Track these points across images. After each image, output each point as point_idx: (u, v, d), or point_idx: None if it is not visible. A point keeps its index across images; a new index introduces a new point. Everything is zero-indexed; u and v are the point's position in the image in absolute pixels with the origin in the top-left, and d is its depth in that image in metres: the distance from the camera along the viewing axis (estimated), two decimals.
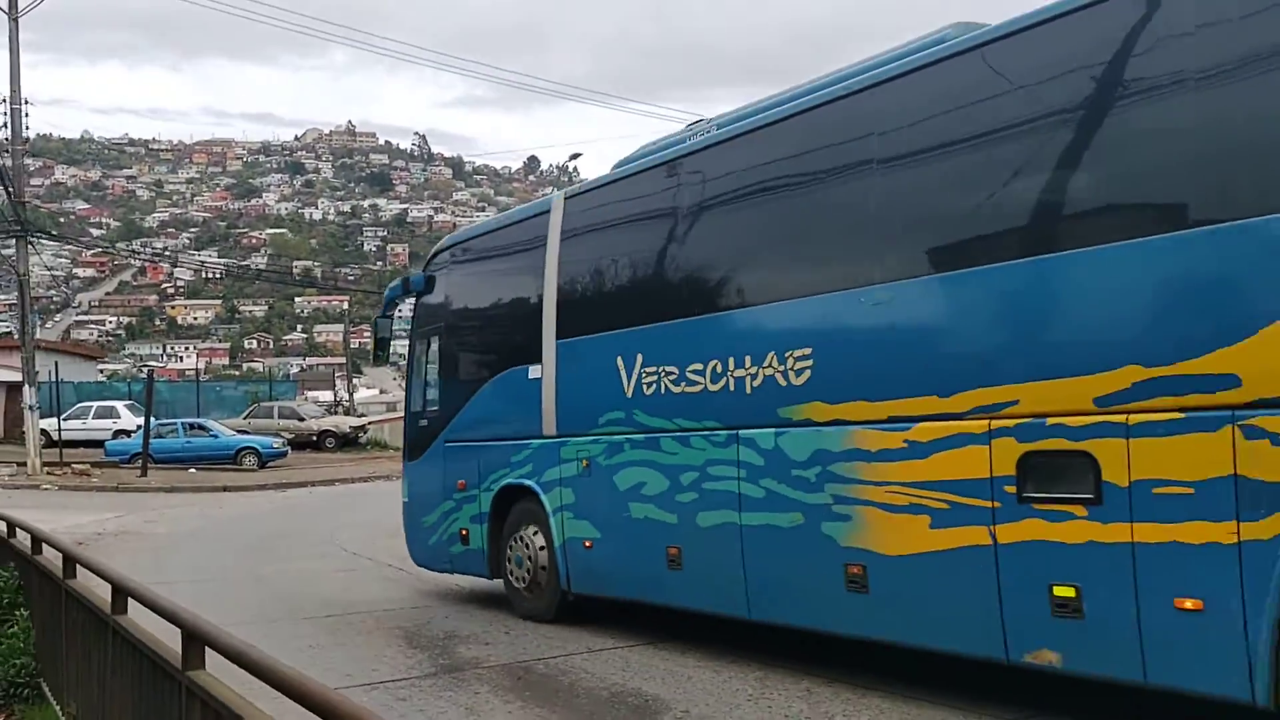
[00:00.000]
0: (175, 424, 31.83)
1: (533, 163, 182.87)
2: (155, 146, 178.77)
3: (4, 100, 25.19)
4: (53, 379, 32.20)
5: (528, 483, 9.32)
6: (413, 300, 11.24)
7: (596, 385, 8.54)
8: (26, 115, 26.60)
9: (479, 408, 10.09)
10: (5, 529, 8.39)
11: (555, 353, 9.06)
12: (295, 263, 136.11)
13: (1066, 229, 5.58)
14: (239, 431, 32.64)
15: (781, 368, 6.94)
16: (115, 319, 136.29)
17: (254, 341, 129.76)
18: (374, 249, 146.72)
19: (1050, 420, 5.44)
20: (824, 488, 6.63)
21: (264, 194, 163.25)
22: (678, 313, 7.87)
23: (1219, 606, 4.76)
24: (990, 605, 5.67)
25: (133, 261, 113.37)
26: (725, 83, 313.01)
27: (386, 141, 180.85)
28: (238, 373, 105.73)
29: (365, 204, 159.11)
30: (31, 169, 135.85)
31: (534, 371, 9.24)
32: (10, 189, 24.99)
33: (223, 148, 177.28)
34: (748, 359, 7.19)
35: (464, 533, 10.18)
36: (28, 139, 28.98)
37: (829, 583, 6.55)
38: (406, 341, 11.66)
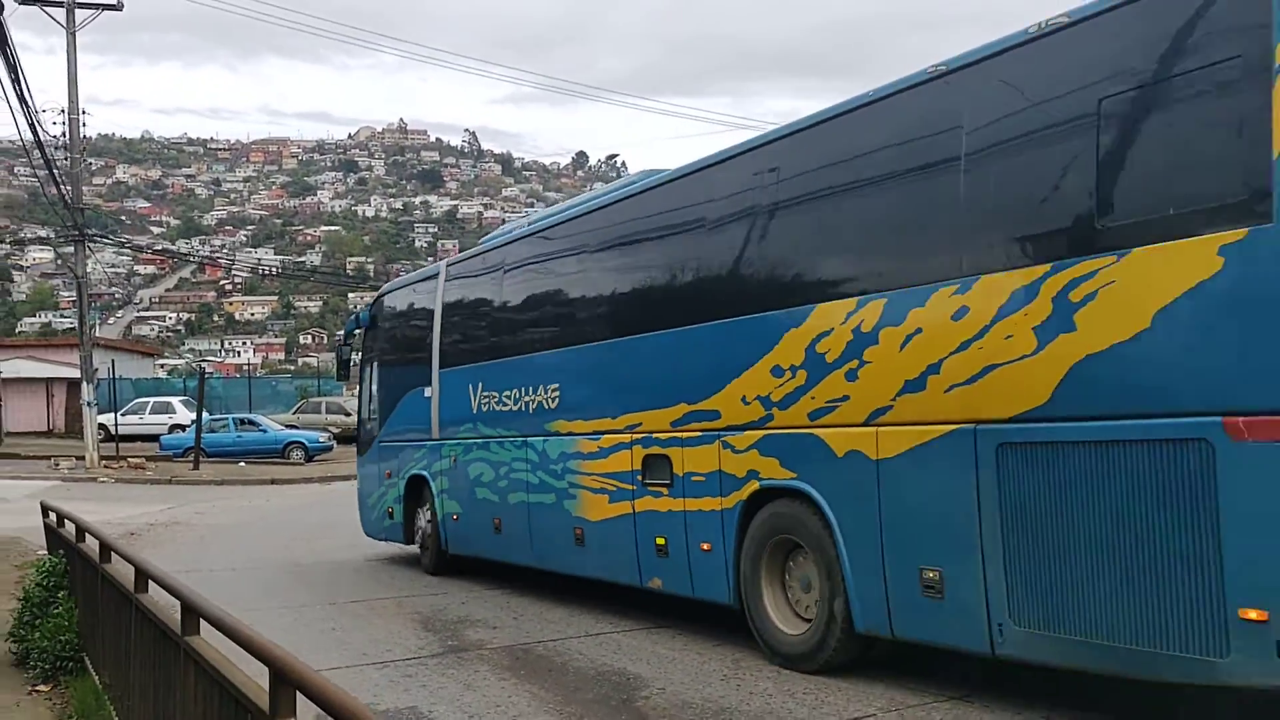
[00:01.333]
0: (226, 419, 32.96)
1: (580, 158, 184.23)
2: (213, 146, 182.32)
3: (63, 110, 26.37)
4: (111, 376, 33.48)
5: (423, 473, 12.43)
6: (361, 332, 14.37)
7: (459, 403, 11.65)
8: (85, 123, 27.79)
9: (398, 417, 13.18)
10: (55, 520, 9.19)
11: (438, 379, 12.15)
12: (348, 259, 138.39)
13: (653, 320, 8.61)
14: (288, 426, 33.71)
15: (545, 396, 10.06)
16: (175, 315, 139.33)
17: (309, 337, 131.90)
18: (425, 245, 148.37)
19: (655, 435, 8.50)
20: (564, 477, 9.69)
21: (318, 192, 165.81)
22: (498, 355, 10.98)
23: (718, 546, 7.85)
24: (631, 551, 8.77)
25: (190, 259, 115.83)
26: (766, 76, 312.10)
27: (437, 139, 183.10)
28: (293, 368, 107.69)
29: (416, 201, 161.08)
30: (94, 168, 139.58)
31: (427, 391, 12.35)
32: (68, 196, 26.14)
33: (278, 146, 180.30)
34: (530, 389, 10.29)
35: (390, 510, 13.28)
36: (89, 138, 30.17)
37: (567, 540, 9.63)
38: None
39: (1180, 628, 4.95)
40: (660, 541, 8.40)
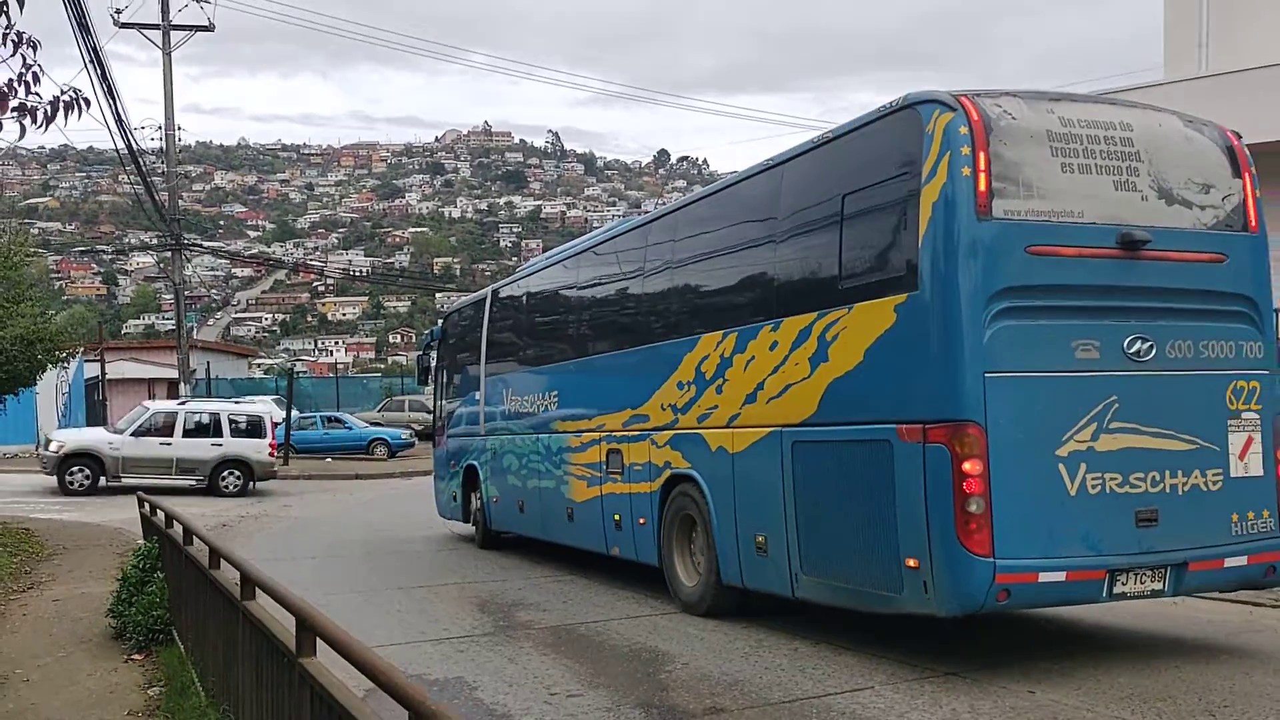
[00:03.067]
0: (315, 417, 34.41)
1: (662, 156, 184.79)
2: (306, 151, 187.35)
3: (160, 127, 27.98)
4: (208, 376, 35.18)
5: (475, 463, 14.77)
6: (435, 343, 16.99)
7: (497, 404, 13.92)
8: (181, 136, 29.37)
9: (459, 416, 15.53)
10: (149, 510, 10.19)
11: (485, 383, 14.42)
12: (435, 260, 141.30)
13: (610, 344, 11.00)
14: (372, 424, 35.03)
15: (549, 402, 12.38)
16: (271, 316, 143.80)
17: (398, 336, 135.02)
18: (509, 245, 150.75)
19: (613, 433, 10.68)
20: (561, 467, 11.89)
21: (406, 194, 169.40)
22: (522, 366, 13.33)
23: (650, 520, 9.89)
24: (600, 526, 10.93)
25: (284, 261, 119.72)
26: (854, 70, 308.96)
27: (521, 140, 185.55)
28: (382, 366, 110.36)
29: (501, 201, 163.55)
30: (193, 175, 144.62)
31: (477, 395, 14.68)
32: (165, 209, 27.72)
33: (368, 151, 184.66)
34: (541, 395, 12.60)
35: (454, 495, 15.61)
36: (189, 145, 31.71)
37: (562, 517, 11.86)
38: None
39: (880, 572, 6.94)
40: (616, 518, 10.65)
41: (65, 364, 19.20)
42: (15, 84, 3.64)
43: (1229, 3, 17.13)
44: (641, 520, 10.06)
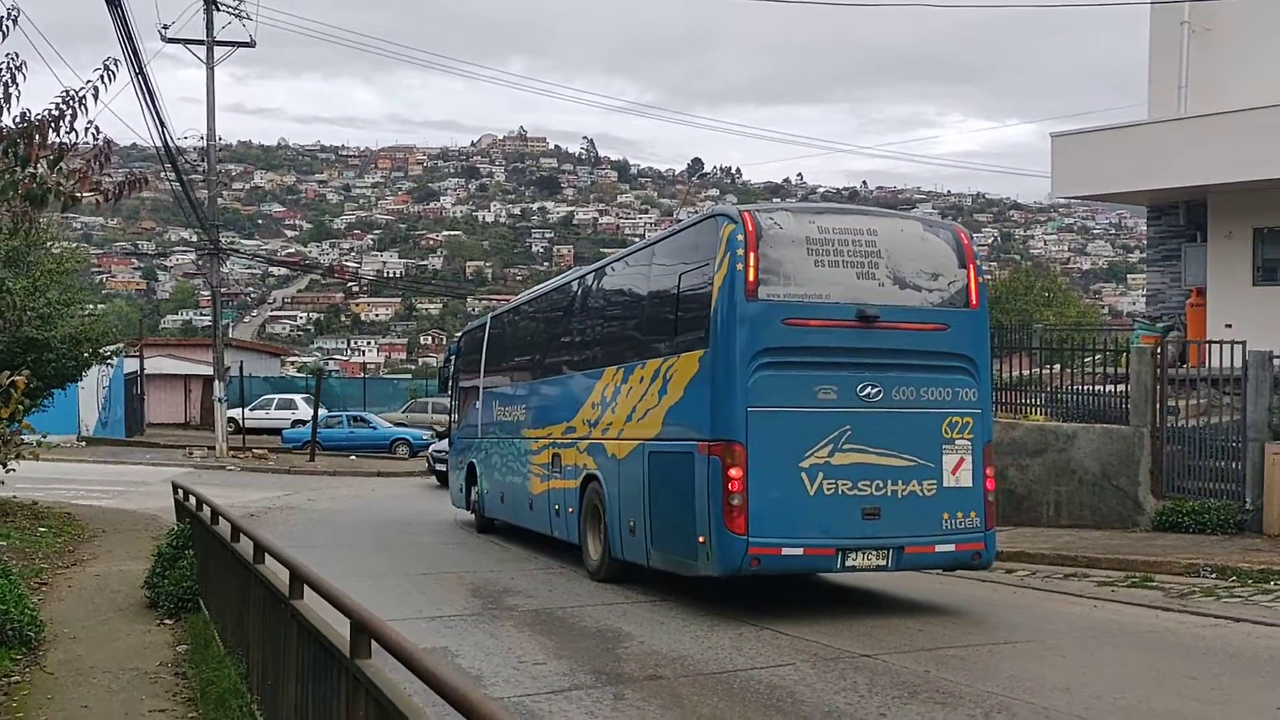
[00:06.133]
0: (341, 416, 35.75)
1: (696, 165, 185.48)
2: (344, 153, 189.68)
3: (202, 136, 29.40)
4: (241, 374, 36.62)
5: (474, 459, 17.43)
6: (453, 357, 19.97)
7: (490, 413, 16.65)
8: (221, 140, 30.74)
9: (466, 418, 18.27)
10: (182, 495, 11.43)
11: (482, 395, 17.19)
12: (468, 263, 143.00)
13: (553, 369, 13.77)
14: (397, 424, 36.33)
15: (521, 412, 14.98)
16: (305, 315, 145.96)
17: (429, 338, 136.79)
18: (541, 250, 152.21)
19: (556, 440, 13.15)
20: (526, 465, 14.38)
21: (441, 197, 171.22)
22: (507, 382, 16.09)
23: (575, 509, 12.26)
24: (548, 513, 13.43)
25: (319, 263, 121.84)
26: (890, 83, 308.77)
27: (556, 146, 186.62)
28: (413, 367, 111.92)
29: (534, 207, 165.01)
30: (234, 174, 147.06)
31: (478, 403, 17.41)
32: (204, 215, 29.15)
33: (405, 154, 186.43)
34: (517, 406, 15.23)
35: (461, 486, 18.24)
36: (230, 145, 33.12)
37: (525, 507, 14.44)
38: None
39: (687, 546, 9.50)
40: (556, 507, 13.13)
41: (110, 362, 20.52)
42: (93, 164, 4.81)
43: (1209, 48, 18.04)
44: (570, 509, 12.54)
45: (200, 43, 29.60)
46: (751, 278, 9.17)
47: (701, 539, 9.20)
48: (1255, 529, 13.29)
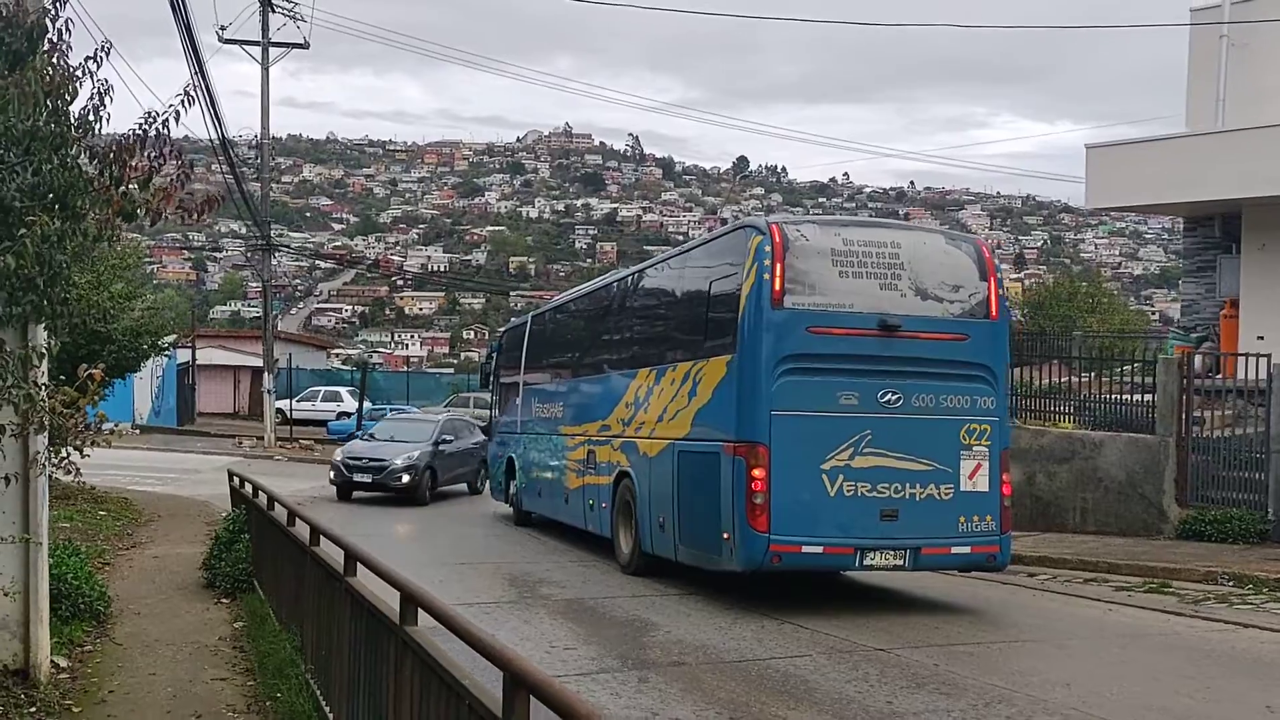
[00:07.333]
0: (384, 409, 36.52)
1: (741, 163, 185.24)
2: (392, 147, 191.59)
3: (255, 134, 30.29)
4: (289, 366, 37.51)
5: (512, 454, 18.01)
6: (495, 354, 20.87)
7: (528, 408, 17.46)
8: (272, 134, 31.54)
9: (506, 413, 19.14)
10: (238, 483, 12.09)
11: (522, 391, 17.93)
12: (511, 259, 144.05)
13: (590, 369, 14.51)
14: None
15: (558, 409, 15.70)
16: (351, 308, 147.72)
17: (471, 332, 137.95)
18: (584, 247, 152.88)
19: (591, 438, 13.79)
20: (562, 461, 15.11)
21: (486, 193, 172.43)
22: (546, 380, 16.81)
23: (608, 505, 12.86)
24: (582, 509, 14.05)
25: (366, 255, 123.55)
26: (936, 82, 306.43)
27: (601, 143, 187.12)
28: (455, 361, 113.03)
29: (578, 203, 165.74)
30: (283, 167, 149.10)
31: (518, 399, 18.17)
32: (258, 211, 30.02)
33: (451, 149, 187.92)
34: (552, 404, 16.06)
35: (500, 480, 18.94)
36: (279, 138, 33.98)
37: (563, 500, 15.03)
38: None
39: (713, 541, 9.95)
40: (590, 502, 13.76)
41: (166, 353, 21.32)
42: (175, 183, 5.37)
43: (1247, 61, 18.17)
44: (604, 504, 13.15)
45: (255, 44, 30.45)
46: (777, 287, 9.65)
47: (726, 535, 9.71)
48: (1277, 539, 13.50)
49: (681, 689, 7.17)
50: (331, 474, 21.04)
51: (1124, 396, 16.38)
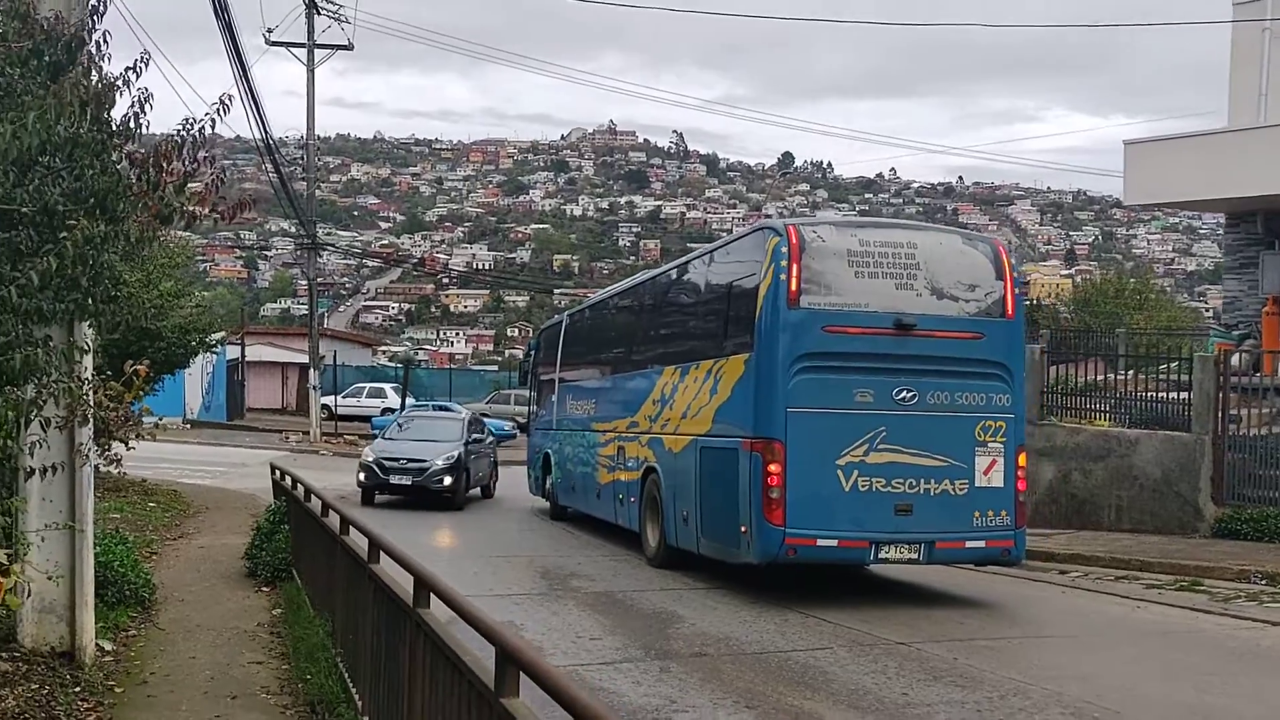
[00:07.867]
0: (426, 405, 36.95)
1: (786, 159, 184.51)
2: (438, 146, 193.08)
3: (302, 135, 30.80)
4: (335, 363, 38.12)
5: (549, 450, 18.34)
6: (533, 353, 21.57)
7: (563, 405, 17.77)
8: (319, 134, 32.12)
9: (543, 411, 19.46)
10: (279, 476, 12.44)
11: (558, 388, 18.22)
12: (555, 257, 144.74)
13: (618, 367, 15.05)
14: (479, 414, 37.38)
15: (590, 406, 16.11)
16: (397, 305, 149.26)
17: (515, 330, 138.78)
18: (628, 244, 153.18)
19: (621, 434, 14.11)
20: (594, 457, 15.42)
21: (531, 191, 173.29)
22: (581, 379, 17.11)
23: (636, 499, 13.13)
24: (613, 503, 14.38)
25: (413, 253, 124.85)
26: (985, 76, 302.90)
27: (645, 140, 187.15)
28: (499, 359, 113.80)
29: (622, 200, 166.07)
30: (331, 166, 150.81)
31: (554, 396, 18.49)
32: (302, 211, 30.58)
33: (496, 147, 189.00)
34: (585, 401, 16.42)
35: (537, 476, 19.35)
36: (327, 138, 34.60)
37: (594, 496, 15.42)
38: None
39: (732, 534, 10.19)
40: (620, 497, 14.08)
41: (215, 350, 21.83)
42: (210, 188, 5.64)
43: None
44: (632, 499, 13.46)
45: (301, 46, 30.97)
46: (794, 287, 9.86)
47: (744, 528, 9.96)
48: None
49: (701, 678, 7.34)
50: (361, 475, 18.68)
51: (1162, 394, 16.28)
